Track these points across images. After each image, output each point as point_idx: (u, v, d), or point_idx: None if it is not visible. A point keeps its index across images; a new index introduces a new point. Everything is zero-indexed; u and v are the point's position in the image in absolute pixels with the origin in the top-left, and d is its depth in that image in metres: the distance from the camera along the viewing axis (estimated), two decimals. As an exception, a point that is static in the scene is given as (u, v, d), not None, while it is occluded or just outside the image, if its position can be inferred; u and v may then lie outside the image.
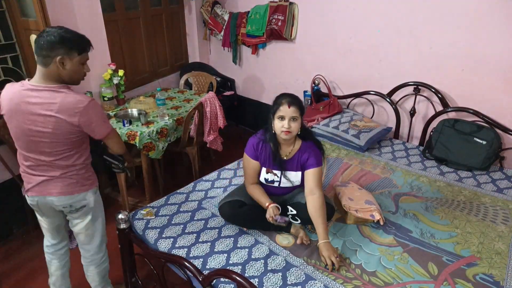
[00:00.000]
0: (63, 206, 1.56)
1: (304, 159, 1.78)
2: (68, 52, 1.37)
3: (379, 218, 1.78)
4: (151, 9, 3.51)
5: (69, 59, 1.39)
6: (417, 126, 2.84)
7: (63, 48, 1.36)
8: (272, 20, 3.34)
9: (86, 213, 1.62)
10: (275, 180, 1.83)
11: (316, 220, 1.64)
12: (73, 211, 1.59)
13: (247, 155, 1.82)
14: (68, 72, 1.41)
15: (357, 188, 2.01)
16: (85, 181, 1.57)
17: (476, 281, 1.50)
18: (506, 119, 2.39)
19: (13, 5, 2.26)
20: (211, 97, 2.84)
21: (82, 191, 1.57)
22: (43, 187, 1.52)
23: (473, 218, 1.91)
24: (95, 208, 1.65)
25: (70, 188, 1.53)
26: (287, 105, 1.65)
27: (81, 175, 1.55)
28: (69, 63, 1.39)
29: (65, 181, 1.51)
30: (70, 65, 1.40)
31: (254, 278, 1.51)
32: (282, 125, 1.67)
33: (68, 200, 1.55)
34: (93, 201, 1.62)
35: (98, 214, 1.69)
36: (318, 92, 3.22)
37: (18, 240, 2.50)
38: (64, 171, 1.50)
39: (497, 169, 2.39)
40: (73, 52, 1.39)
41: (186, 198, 2.09)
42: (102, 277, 1.84)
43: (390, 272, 1.55)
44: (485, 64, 2.37)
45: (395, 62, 2.80)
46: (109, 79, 2.85)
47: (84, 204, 1.59)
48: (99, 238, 1.73)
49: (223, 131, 3.09)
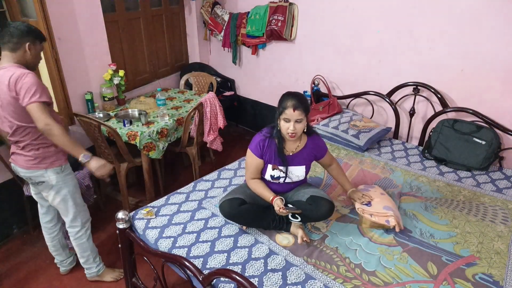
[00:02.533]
0: (24, 177, 1.83)
1: (312, 155, 1.86)
2: (34, 41, 1.69)
3: (394, 224, 1.73)
4: (152, 9, 3.52)
5: (34, 46, 1.69)
6: (416, 126, 2.85)
7: (30, 36, 1.67)
8: (272, 20, 3.35)
9: (47, 188, 1.82)
10: (281, 176, 1.84)
11: (341, 179, 1.97)
12: (34, 183, 1.83)
13: (252, 152, 1.83)
14: (31, 57, 1.70)
15: (379, 193, 1.96)
16: (43, 159, 1.77)
17: (476, 281, 1.50)
18: (505, 119, 2.39)
19: (13, 6, 2.26)
20: (211, 97, 2.85)
21: (40, 168, 1.77)
22: (14, 156, 1.81)
23: (472, 218, 1.92)
24: (58, 186, 1.83)
25: (28, 164, 1.76)
26: (292, 108, 1.66)
27: (39, 154, 1.75)
28: (33, 49, 1.69)
29: (24, 156, 1.76)
30: (34, 51, 1.70)
31: (254, 278, 1.51)
32: (287, 127, 1.70)
33: (26, 173, 1.79)
34: (55, 179, 1.81)
35: (64, 192, 1.86)
36: (318, 92, 3.23)
37: (18, 240, 2.50)
38: (22, 146, 1.73)
39: (496, 169, 2.40)
40: (36, 41, 1.70)
41: (186, 198, 2.10)
42: (83, 251, 2.04)
43: (389, 271, 1.56)
44: (484, 64, 2.38)
45: (394, 63, 2.80)
46: (109, 79, 2.86)
47: (42, 180, 1.79)
48: (72, 213, 1.92)
49: (223, 131, 3.10)
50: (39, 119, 1.59)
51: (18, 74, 1.60)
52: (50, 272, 2.22)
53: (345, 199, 2.09)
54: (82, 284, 2.14)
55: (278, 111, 1.74)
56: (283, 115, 1.69)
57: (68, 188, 1.87)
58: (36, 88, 1.60)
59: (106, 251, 2.34)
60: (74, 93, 2.64)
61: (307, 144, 1.84)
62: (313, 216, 1.80)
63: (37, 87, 1.60)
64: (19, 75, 1.59)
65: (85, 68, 2.79)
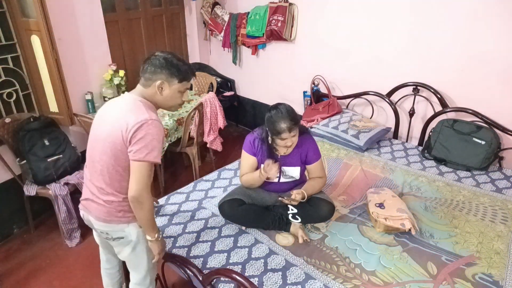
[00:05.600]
0: (100, 231, 1.46)
1: (304, 154, 1.83)
2: (168, 78, 1.35)
3: (410, 228, 1.71)
4: (152, 9, 3.52)
5: (168, 85, 1.36)
6: (416, 126, 2.85)
7: (165, 73, 1.34)
8: (272, 21, 3.35)
9: (123, 244, 1.46)
10: (275, 176, 1.84)
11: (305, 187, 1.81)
12: (110, 239, 1.46)
13: (245, 151, 1.85)
14: (163, 98, 1.38)
15: (390, 196, 1.95)
16: (127, 211, 1.39)
17: (475, 281, 1.51)
18: (505, 119, 2.39)
19: (13, 6, 2.26)
20: (211, 98, 2.85)
21: (122, 222, 1.40)
22: (88, 203, 1.44)
23: (472, 218, 1.92)
24: (136, 242, 1.45)
25: (108, 216, 1.39)
26: (288, 131, 1.65)
27: (124, 205, 1.38)
28: (167, 89, 1.36)
29: (104, 206, 1.38)
30: (168, 91, 1.37)
31: (254, 278, 1.52)
32: (284, 144, 1.70)
33: (102, 227, 1.42)
34: (135, 235, 1.43)
35: (141, 248, 1.48)
36: (318, 92, 3.23)
37: (18, 240, 2.50)
38: (106, 193, 1.37)
39: (496, 169, 2.40)
40: (173, 78, 1.35)
41: (186, 198, 2.10)
42: None
43: (389, 271, 1.56)
44: (484, 64, 2.38)
45: (394, 63, 2.81)
46: (110, 80, 2.86)
47: (121, 236, 1.43)
48: (143, 271, 1.54)
49: (223, 131, 3.10)
50: (140, 182, 1.28)
51: (145, 118, 1.27)
52: (50, 272, 2.22)
53: (345, 199, 2.09)
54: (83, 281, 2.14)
55: (270, 133, 1.71)
56: (278, 136, 1.67)
57: (146, 244, 1.47)
58: (157, 142, 1.30)
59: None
60: (74, 93, 2.64)
61: (299, 143, 1.81)
62: (313, 217, 1.81)
63: (159, 142, 1.30)
64: (145, 121, 1.27)
65: (85, 68, 2.79)
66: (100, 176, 1.36)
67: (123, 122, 1.28)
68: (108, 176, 1.34)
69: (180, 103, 1.44)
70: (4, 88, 2.32)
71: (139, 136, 1.26)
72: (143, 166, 1.28)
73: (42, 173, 2.29)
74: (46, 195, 2.30)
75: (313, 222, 1.85)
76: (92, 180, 1.40)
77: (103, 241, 1.58)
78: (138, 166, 1.28)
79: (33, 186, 2.33)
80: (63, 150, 2.42)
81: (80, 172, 2.45)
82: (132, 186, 1.29)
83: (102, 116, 1.41)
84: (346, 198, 2.10)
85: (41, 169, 2.29)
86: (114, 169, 1.33)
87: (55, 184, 2.32)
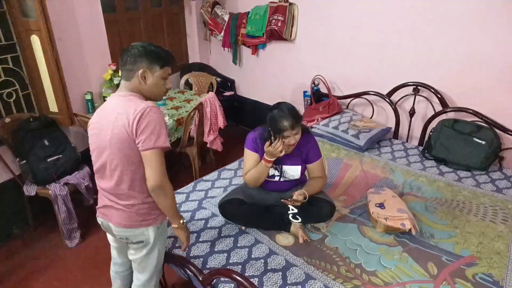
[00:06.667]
0: (119, 236, 1.46)
1: (305, 153, 1.82)
2: (150, 65, 1.34)
3: (410, 228, 1.71)
4: (152, 9, 3.52)
5: (151, 73, 1.35)
6: (416, 126, 2.85)
7: (145, 61, 1.33)
8: (272, 20, 3.34)
9: (142, 247, 1.47)
10: (276, 175, 1.84)
11: (306, 187, 1.78)
12: (130, 243, 1.47)
13: (248, 149, 1.83)
14: (148, 87, 1.36)
15: (391, 196, 1.95)
16: (147, 215, 1.41)
17: (476, 281, 1.50)
18: (505, 119, 2.39)
19: (13, 6, 2.26)
20: (211, 98, 2.85)
21: (142, 226, 1.41)
22: (108, 210, 1.43)
23: (472, 218, 1.92)
24: (154, 245, 1.47)
25: (129, 221, 1.39)
26: (291, 129, 1.65)
27: (144, 209, 1.40)
28: (150, 77, 1.35)
29: (124, 211, 1.38)
30: (151, 79, 1.36)
31: (254, 278, 1.51)
32: (288, 142, 1.69)
33: (122, 233, 1.43)
34: (153, 237, 1.44)
35: (155, 250, 1.50)
36: (318, 92, 3.23)
37: (18, 240, 2.50)
38: (125, 198, 1.37)
39: (496, 169, 2.40)
40: (154, 65, 1.34)
41: (186, 198, 2.10)
42: None
43: (389, 271, 1.56)
44: (484, 64, 2.38)
45: (394, 62, 2.80)
46: (109, 79, 2.86)
47: (141, 239, 1.44)
48: (150, 273, 1.54)
49: (223, 131, 3.10)
50: (157, 170, 1.28)
51: (143, 107, 1.27)
52: (50, 272, 2.22)
53: (345, 199, 2.09)
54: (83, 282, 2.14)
55: (273, 131, 1.70)
56: (281, 134, 1.67)
57: (160, 246, 1.51)
58: (161, 128, 1.29)
59: (107, 251, 2.34)
60: (74, 93, 2.63)
61: (300, 141, 1.80)
62: (314, 217, 1.81)
63: (162, 127, 1.30)
64: (144, 109, 1.27)
65: (85, 68, 2.79)
66: (116, 181, 1.35)
67: (124, 118, 1.28)
68: (125, 179, 1.34)
69: (164, 90, 1.43)
70: (4, 88, 2.32)
71: (143, 124, 1.26)
72: (155, 154, 1.28)
73: (42, 173, 2.29)
74: (46, 195, 2.30)
75: (313, 222, 1.84)
76: (107, 189, 1.39)
77: (122, 245, 1.57)
78: (150, 155, 1.28)
79: (33, 186, 2.33)
80: (63, 150, 2.42)
81: (80, 172, 2.45)
82: (150, 176, 1.29)
83: (98, 122, 1.39)
84: (347, 198, 2.10)
85: (41, 169, 2.29)
86: (129, 169, 1.33)
87: (55, 184, 2.32)
